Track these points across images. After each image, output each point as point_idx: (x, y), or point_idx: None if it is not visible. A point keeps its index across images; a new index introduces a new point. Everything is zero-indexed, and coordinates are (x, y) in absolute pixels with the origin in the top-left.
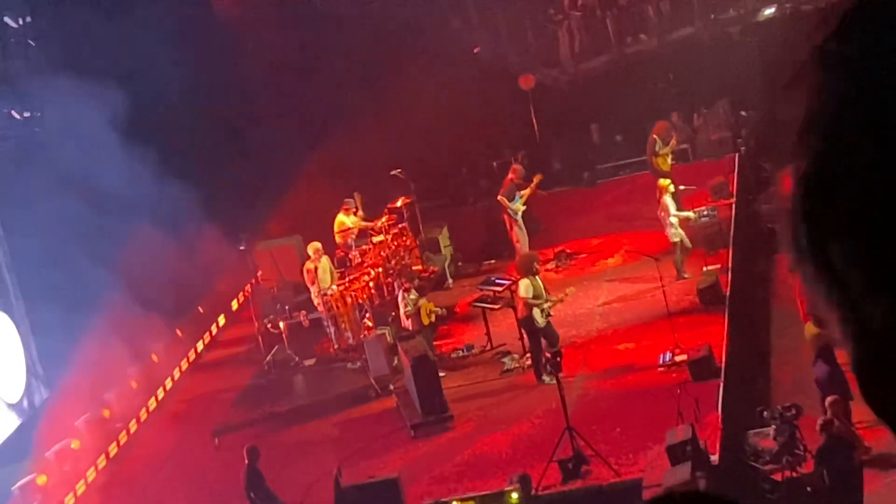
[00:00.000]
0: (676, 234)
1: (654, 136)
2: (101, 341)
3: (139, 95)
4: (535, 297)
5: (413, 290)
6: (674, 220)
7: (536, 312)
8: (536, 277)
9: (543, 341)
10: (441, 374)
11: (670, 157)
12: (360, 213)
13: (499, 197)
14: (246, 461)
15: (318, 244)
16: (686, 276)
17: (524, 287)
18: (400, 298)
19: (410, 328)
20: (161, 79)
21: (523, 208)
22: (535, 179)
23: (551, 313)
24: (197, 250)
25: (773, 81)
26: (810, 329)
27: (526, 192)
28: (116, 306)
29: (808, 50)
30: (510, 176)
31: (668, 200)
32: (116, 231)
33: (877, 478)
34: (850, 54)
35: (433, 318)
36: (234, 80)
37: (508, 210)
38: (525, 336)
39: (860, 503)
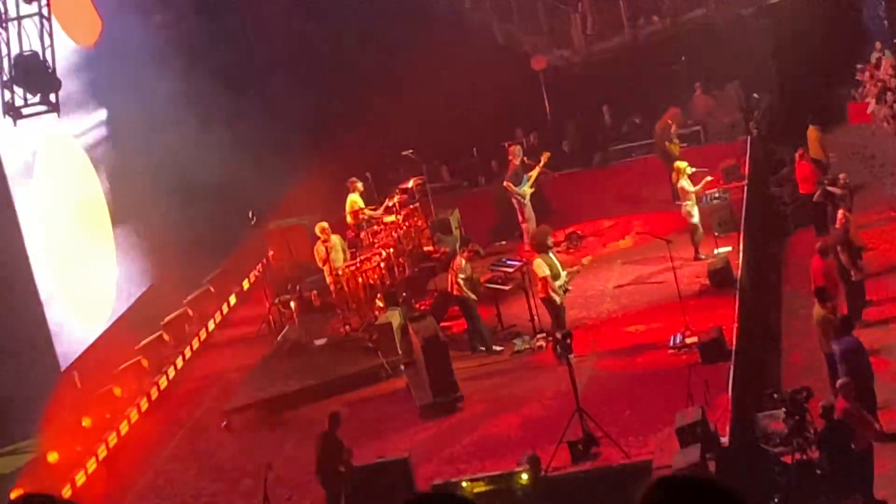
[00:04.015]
0: (695, 215)
1: (670, 122)
2: None
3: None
4: (552, 275)
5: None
6: (689, 202)
7: (554, 290)
8: (550, 254)
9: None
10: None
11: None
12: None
13: (505, 183)
14: (328, 427)
15: (324, 223)
16: (703, 257)
17: (540, 266)
18: (457, 266)
19: (466, 296)
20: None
21: (531, 191)
22: (543, 158)
23: (569, 288)
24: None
25: (784, 64)
26: (818, 311)
27: (533, 172)
28: None
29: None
30: (510, 159)
31: (685, 183)
32: None
33: (888, 461)
34: None
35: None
36: (245, 59)
37: (516, 195)
38: (548, 314)
39: (869, 486)
